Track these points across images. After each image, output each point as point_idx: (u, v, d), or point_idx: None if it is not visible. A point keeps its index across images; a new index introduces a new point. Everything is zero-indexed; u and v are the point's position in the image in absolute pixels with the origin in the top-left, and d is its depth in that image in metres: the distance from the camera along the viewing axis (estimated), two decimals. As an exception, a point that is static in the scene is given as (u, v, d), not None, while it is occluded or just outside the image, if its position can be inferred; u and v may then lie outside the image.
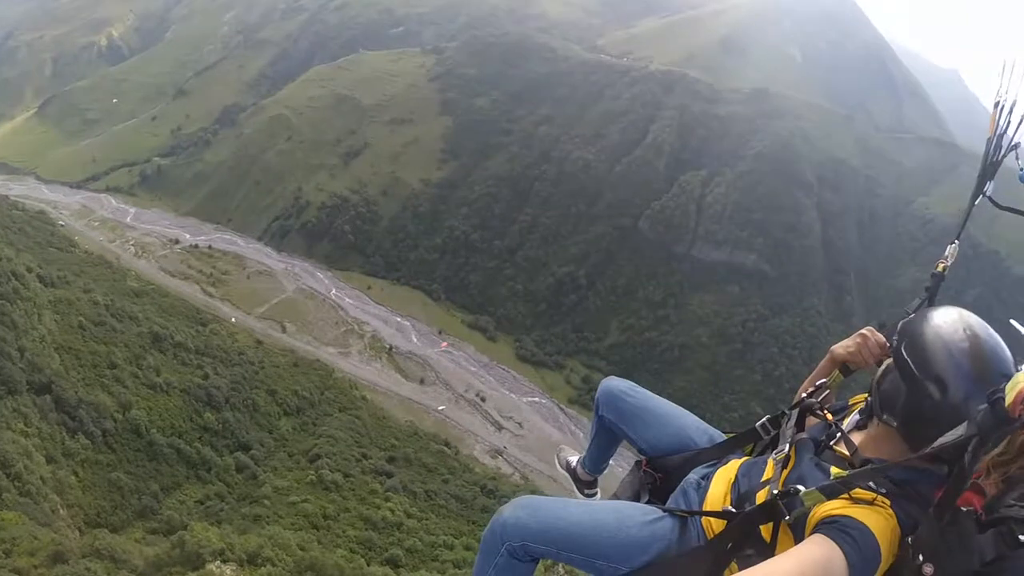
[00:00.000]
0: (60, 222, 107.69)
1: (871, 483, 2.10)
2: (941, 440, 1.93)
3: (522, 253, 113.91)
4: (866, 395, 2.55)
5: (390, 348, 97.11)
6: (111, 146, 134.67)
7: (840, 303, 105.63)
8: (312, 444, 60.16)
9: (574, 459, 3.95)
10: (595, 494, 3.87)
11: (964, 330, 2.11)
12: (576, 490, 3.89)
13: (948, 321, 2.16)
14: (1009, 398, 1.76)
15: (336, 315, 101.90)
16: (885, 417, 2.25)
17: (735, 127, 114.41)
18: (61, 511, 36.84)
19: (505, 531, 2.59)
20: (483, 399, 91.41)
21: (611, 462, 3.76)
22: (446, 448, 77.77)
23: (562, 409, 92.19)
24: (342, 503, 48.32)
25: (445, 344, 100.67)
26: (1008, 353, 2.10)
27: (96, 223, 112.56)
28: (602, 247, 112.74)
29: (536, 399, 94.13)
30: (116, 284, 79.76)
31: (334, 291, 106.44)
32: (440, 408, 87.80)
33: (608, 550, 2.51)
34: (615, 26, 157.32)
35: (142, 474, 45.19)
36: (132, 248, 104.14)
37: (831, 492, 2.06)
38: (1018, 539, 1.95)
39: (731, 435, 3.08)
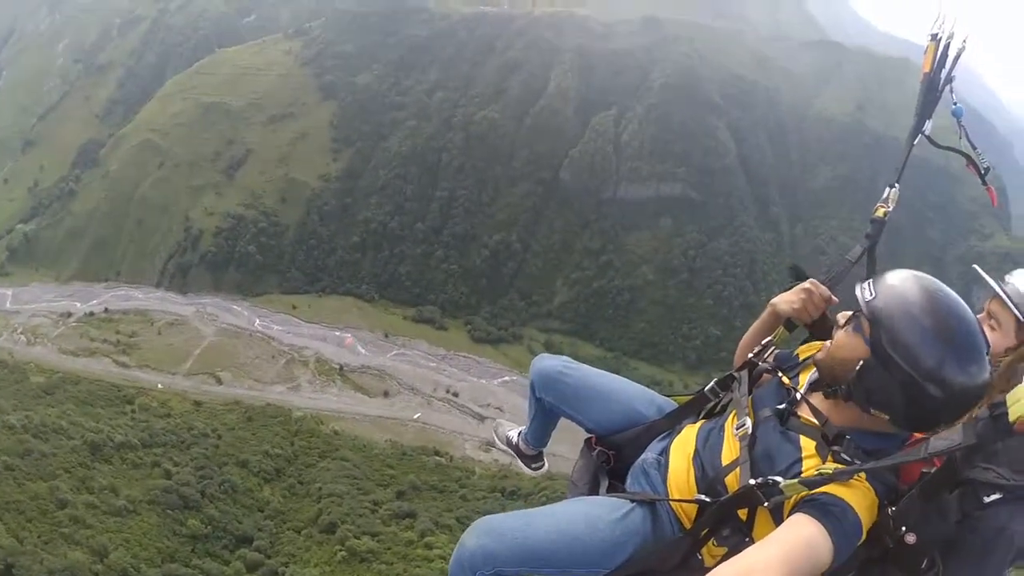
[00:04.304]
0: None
1: (846, 456, 2.11)
2: (934, 446, 1.94)
3: (448, 231, 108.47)
4: (814, 344, 2.52)
5: (340, 368, 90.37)
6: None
7: (767, 214, 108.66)
8: (316, 511, 54.36)
9: (514, 433, 3.74)
10: (542, 466, 3.74)
11: (947, 317, 2.01)
12: (522, 465, 3.74)
13: (926, 305, 2.03)
14: (1014, 414, 1.82)
15: (269, 348, 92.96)
16: (874, 412, 2.13)
17: (634, 60, 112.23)
18: None
19: (474, 562, 2.46)
20: (455, 394, 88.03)
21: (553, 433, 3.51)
22: (439, 457, 74.12)
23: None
24: (389, 571, 43.59)
25: (350, 339, 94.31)
26: (978, 323, 2.05)
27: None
28: (528, 206, 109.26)
29: (506, 378, 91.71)
30: (20, 387, 67.91)
31: (258, 322, 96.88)
32: (416, 416, 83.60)
33: (584, 558, 2.43)
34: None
35: (153, 625, 38.45)
36: (23, 337, 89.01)
37: (814, 485, 2.01)
38: (981, 500, 2.03)
39: (679, 397, 2.97)
